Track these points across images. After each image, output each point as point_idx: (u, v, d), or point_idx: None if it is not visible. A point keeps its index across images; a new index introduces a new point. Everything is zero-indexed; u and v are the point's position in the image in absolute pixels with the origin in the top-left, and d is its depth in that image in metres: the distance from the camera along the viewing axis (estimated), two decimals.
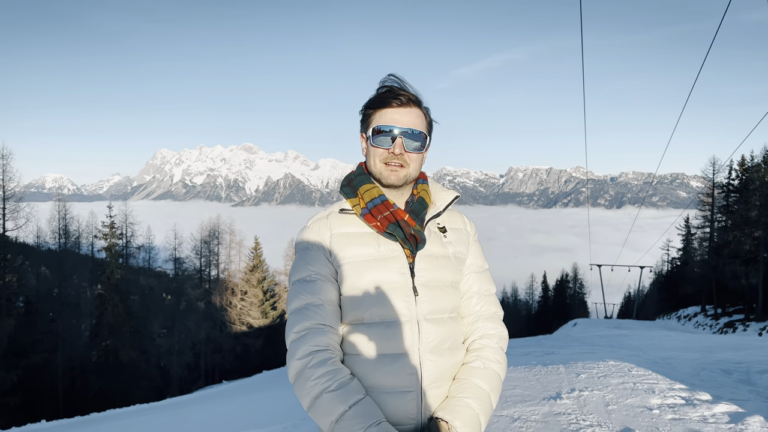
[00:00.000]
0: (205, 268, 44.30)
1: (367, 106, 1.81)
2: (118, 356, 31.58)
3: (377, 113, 1.77)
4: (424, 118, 1.81)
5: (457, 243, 1.90)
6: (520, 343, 16.63)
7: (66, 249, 37.68)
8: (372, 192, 1.78)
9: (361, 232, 1.79)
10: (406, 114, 1.75)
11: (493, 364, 1.80)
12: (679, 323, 40.45)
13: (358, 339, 1.73)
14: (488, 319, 1.89)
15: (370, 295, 1.72)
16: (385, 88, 1.78)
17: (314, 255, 1.78)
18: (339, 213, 1.84)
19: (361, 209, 1.78)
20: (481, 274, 1.95)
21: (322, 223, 1.82)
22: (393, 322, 1.71)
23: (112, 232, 34.50)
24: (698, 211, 41.31)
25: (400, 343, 1.70)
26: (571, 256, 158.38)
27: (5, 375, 23.76)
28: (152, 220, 48.85)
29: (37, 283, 33.74)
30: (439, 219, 1.90)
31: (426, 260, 1.79)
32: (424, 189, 1.89)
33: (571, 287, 73.32)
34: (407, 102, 1.75)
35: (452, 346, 1.80)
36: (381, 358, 1.69)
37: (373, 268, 1.74)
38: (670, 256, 56.42)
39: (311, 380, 1.59)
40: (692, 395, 5.85)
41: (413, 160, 1.78)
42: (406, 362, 1.69)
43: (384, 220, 1.74)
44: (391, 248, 1.76)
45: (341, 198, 1.89)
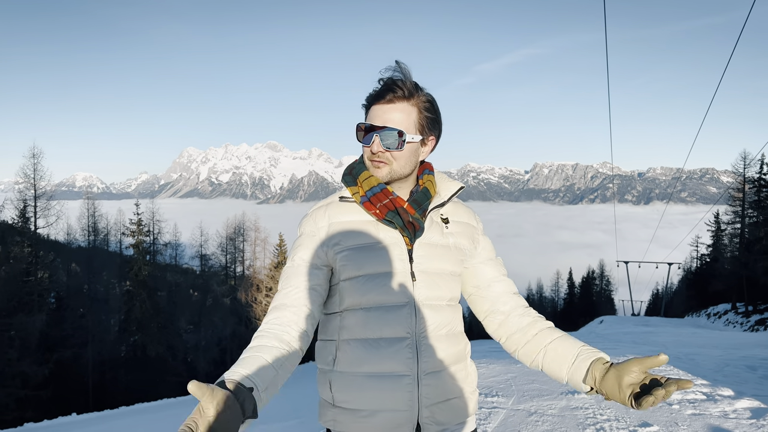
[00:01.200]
0: (230, 265, 44.82)
1: (365, 99, 1.81)
2: (146, 351, 32.13)
3: (370, 108, 1.77)
4: (415, 112, 1.76)
5: (460, 235, 1.89)
6: None
7: (95, 246, 38.44)
8: (371, 180, 1.79)
9: (360, 219, 1.81)
10: (387, 111, 1.73)
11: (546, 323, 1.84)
12: (709, 321, 39.71)
13: (356, 323, 1.75)
14: (517, 296, 1.91)
15: (369, 280, 1.74)
16: (381, 80, 1.75)
17: (304, 242, 1.82)
18: (339, 201, 1.85)
19: (361, 197, 1.79)
20: (495, 263, 1.95)
21: (320, 212, 1.84)
22: (391, 307, 1.73)
23: (139, 230, 35.07)
24: (728, 206, 40.50)
25: (397, 327, 1.72)
26: (599, 252, 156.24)
27: (37, 369, 24.30)
28: (179, 217, 49.54)
29: (67, 279, 34.46)
30: (442, 210, 1.90)
31: (425, 248, 1.79)
32: (429, 180, 1.88)
33: (597, 284, 72.38)
34: (393, 98, 1.73)
35: (450, 333, 1.81)
36: (379, 341, 1.71)
37: (372, 254, 1.75)
38: (699, 253, 55.40)
39: (246, 350, 1.60)
40: (714, 391, 5.78)
41: (396, 157, 1.75)
42: (404, 346, 1.71)
43: (383, 207, 1.75)
44: (390, 235, 1.77)
45: (343, 186, 1.89)
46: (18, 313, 24.54)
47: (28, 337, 24.87)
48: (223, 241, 44.54)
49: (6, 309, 23.89)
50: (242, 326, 39.71)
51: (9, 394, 22.83)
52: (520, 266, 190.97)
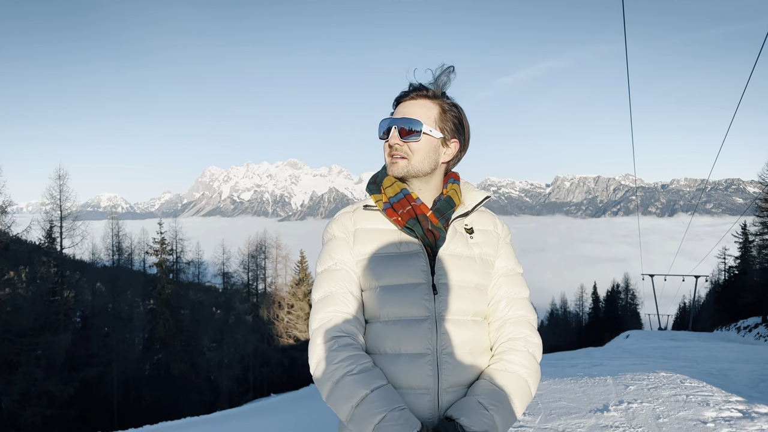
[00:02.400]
0: (252, 282, 44.97)
1: (394, 101, 1.84)
2: (169, 369, 32.26)
3: (396, 109, 1.81)
4: (436, 108, 1.78)
5: (485, 245, 1.83)
6: (568, 356, 16.23)
7: (119, 265, 38.95)
8: (395, 186, 1.77)
9: (383, 228, 1.78)
10: (408, 106, 1.76)
11: (518, 367, 1.70)
12: (739, 335, 38.74)
13: (375, 336, 1.70)
14: (516, 323, 1.80)
15: (387, 292, 1.69)
16: (410, 84, 1.80)
17: (339, 245, 1.79)
18: (363, 209, 1.83)
19: (384, 204, 1.78)
20: (511, 278, 1.85)
21: (347, 217, 1.83)
22: (411, 321, 1.67)
23: (162, 248, 35.41)
24: (756, 217, 39.65)
25: (417, 343, 1.66)
26: (625, 266, 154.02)
27: (63, 388, 24.47)
28: (201, 236, 49.86)
29: (92, 298, 34.83)
30: (467, 219, 1.85)
31: (448, 259, 1.74)
32: (454, 189, 1.85)
33: (622, 298, 71.19)
34: (416, 96, 1.76)
35: (474, 351, 1.73)
36: (398, 357, 1.66)
37: (393, 264, 1.71)
38: (726, 265, 54.26)
39: (333, 364, 1.58)
40: (750, 408, 5.58)
41: (414, 150, 1.74)
42: (424, 362, 1.64)
43: (405, 214, 1.73)
44: (413, 246, 1.73)
45: (368, 196, 1.88)
46: (44, 333, 24.79)
47: (54, 357, 25.08)
48: (245, 259, 44.75)
49: (33, 329, 24.17)
50: (264, 343, 39.72)
51: (35, 414, 23.00)
52: (546, 281, 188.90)
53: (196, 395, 33.03)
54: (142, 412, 28.92)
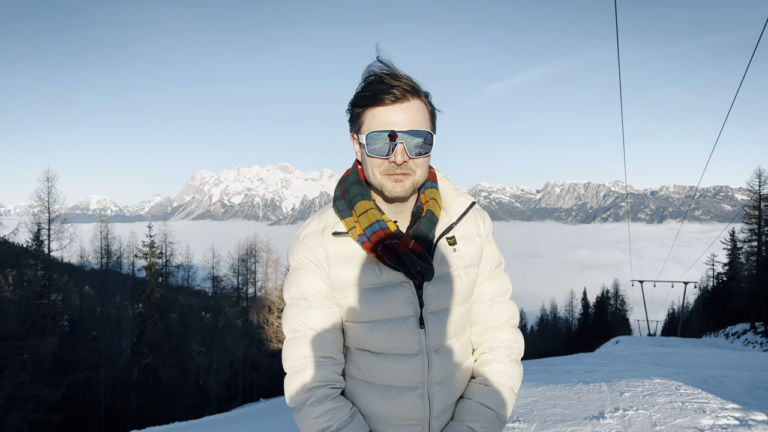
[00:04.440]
0: (242, 287, 44.79)
1: (354, 103, 1.51)
2: (157, 374, 31.97)
3: (368, 113, 1.48)
4: (426, 108, 1.51)
5: (469, 253, 1.66)
6: (560, 361, 16.20)
7: (108, 268, 38.67)
8: (369, 216, 1.51)
9: (360, 254, 1.56)
10: (404, 111, 1.45)
11: (503, 378, 1.66)
12: (727, 341, 38.98)
13: (364, 365, 1.60)
14: (499, 329, 1.72)
15: (374, 328, 1.56)
16: (373, 76, 1.48)
17: (310, 275, 1.58)
18: (333, 236, 1.58)
19: (359, 236, 1.53)
20: (494, 278, 1.74)
21: (316, 239, 1.58)
22: (401, 356, 1.56)
23: (152, 252, 35.15)
24: (744, 224, 39.99)
25: (409, 377, 1.57)
26: (617, 272, 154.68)
27: (49, 392, 24.19)
28: (191, 239, 49.70)
29: (80, 301, 34.55)
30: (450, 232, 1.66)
31: (436, 286, 1.58)
32: (433, 196, 1.61)
33: (612, 304, 71.53)
34: (403, 95, 1.45)
35: (462, 368, 1.68)
36: (389, 389, 1.57)
37: (376, 298, 1.54)
38: (715, 272, 54.63)
39: (310, 419, 1.49)
40: (746, 415, 5.54)
41: (419, 165, 1.50)
42: (416, 395, 1.58)
43: (385, 250, 1.49)
44: (395, 275, 1.54)
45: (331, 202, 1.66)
46: (31, 336, 24.52)
47: (40, 360, 24.82)
48: (235, 263, 44.59)
49: (19, 332, 23.87)
50: (254, 348, 39.51)
51: (21, 418, 22.69)
52: (538, 287, 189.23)
53: (185, 400, 32.74)
54: (129, 417, 28.59)
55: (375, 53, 1.48)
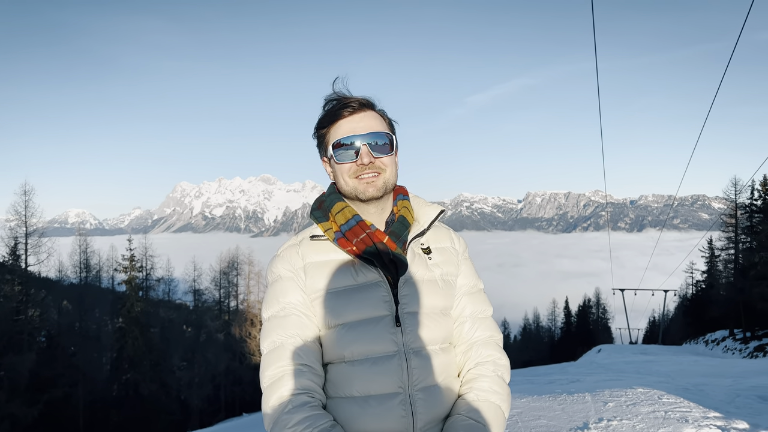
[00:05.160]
0: (224, 300, 44.34)
1: (318, 126, 1.67)
2: (138, 390, 31.51)
3: (331, 129, 1.63)
4: (383, 119, 1.67)
5: (445, 264, 1.72)
6: (543, 371, 16.27)
7: (87, 283, 38.06)
8: (345, 212, 1.63)
9: (336, 259, 1.64)
10: (362, 119, 1.61)
11: (489, 395, 1.62)
12: (707, 348, 39.44)
13: (340, 379, 1.57)
14: (483, 345, 1.71)
15: (350, 330, 1.56)
16: (331, 101, 1.65)
17: (287, 286, 1.63)
18: (310, 240, 1.68)
19: (334, 233, 1.63)
20: (473, 296, 1.77)
21: (293, 251, 1.67)
22: (378, 359, 1.55)
23: (132, 265, 34.73)
24: (721, 232, 40.59)
25: (387, 382, 1.54)
26: (599, 280, 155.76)
27: (26, 410, 23.71)
28: (172, 252, 49.14)
29: (58, 317, 33.94)
30: (423, 238, 1.74)
31: (411, 286, 1.62)
32: (405, 206, 1.73)
33: (594, 312, 72.06)
34: (360, 107, 1.62)
35: (445, 381, 1.64)
36: (367, 399, 1.53)
37: (352, 298, 1.58)
38: (694, 279, 55.36)
39: (288, 428, 1.44)
40: (728, 424, 5.59)
41: (387, 164, 1.62)
42: (396, 403, 1.53)
43: (360, 243, 1.58)
44: (371, 275, 1.60)
45: (312, 223, 1.74)
46: (8, 353, 24.08)
47: (17, 378, 24.33)
48: (217, 276, 44.13)
49: None
50: (236, 362, 39.15)
51: None
52: (522, 296, 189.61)
53: (166, 416, 32.31)
54: None
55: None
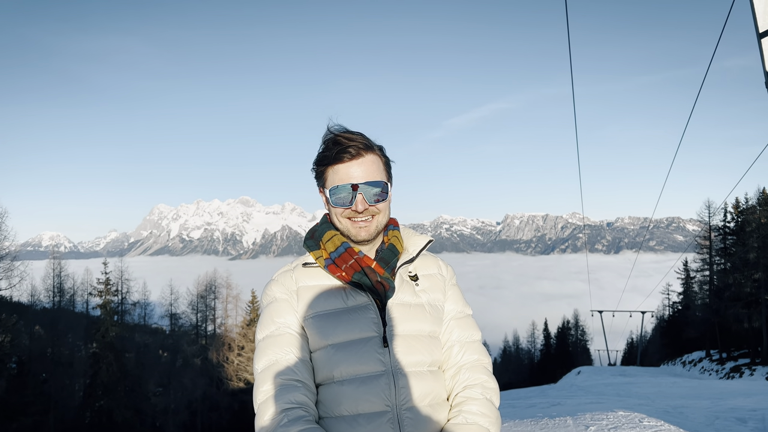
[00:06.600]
0: (201, 324, 43.69)
1: (318, 162, 1.74)
2: (112, 417, 30.81)
3: (330, 170, 1.70)
4: (380, 161, 1.74)
5: (432, 290, 1.80)
6: (524, 394, 16.23)
7: (60, 307, 37.30)
8: (335, 240, 1.73)
9: (327, 284, 1.73)
10: (360, 165, 1.67)
11: (478, 417, 1.65)
12: (685, 369, 39.82)
13: (330, 399, 1.62)
14: (471, 369, 1.76)
15: (339, 350, 1.63)
16: (330, 138, 1.71)
17: (281, 308, 1.71)
18: (303, 267, 1.78)
19: (325, 260, 1.73)
20: (461, 320, 1.83)
21: (287, 276, 1.77)
22: (366, 378, 1.60)
23: (107, 289, 34.16)
24: (696, 254, 41.21)
25: (375, 401, 1.59)
26: (578, 302, 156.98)
27: None
28: (149, 275, 48.55)
29: (30, 342, 33.16)
30: (411, 266, 1.82)
31: (398, 309, 1.70)
32: (395, 235, 1.82)
33: (573, 334, 72.38)
34: (358, 152, 1.67)
35: (433, 402, 1.67)
36: (356, 418, 1.58)
37: (342, 320, 1.65)
38: (670, 300, 56.01)
39: None
40: None
41: (381, 209, 1.72)
42: (384, 421, 1.57)
43: (349, 269, 1.68)
44: (360, 299, 1.69)
45: (305, 252, 1.84)
46: None
47: None
48: (194, 299, 43.52)
49: None
50: (213, 387, 38.51)
51: None
52: (502, 318, 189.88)
53: None
54: None
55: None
